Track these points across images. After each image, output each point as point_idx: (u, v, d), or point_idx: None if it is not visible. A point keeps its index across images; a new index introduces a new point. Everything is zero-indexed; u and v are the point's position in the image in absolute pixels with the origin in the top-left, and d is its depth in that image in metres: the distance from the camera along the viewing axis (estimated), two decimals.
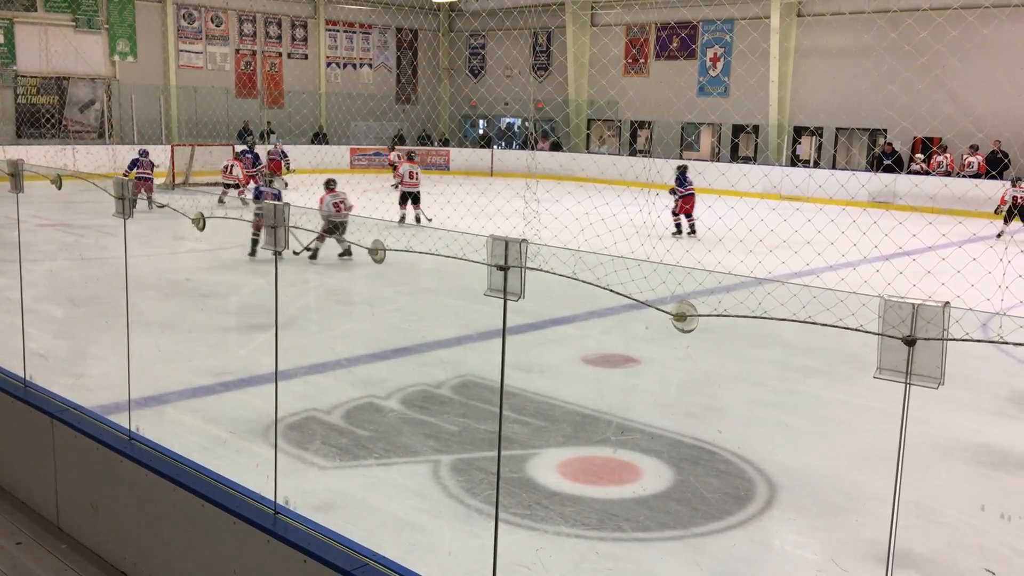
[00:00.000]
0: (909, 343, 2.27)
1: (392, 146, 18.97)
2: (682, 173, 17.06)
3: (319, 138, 29.68)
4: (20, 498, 5.09)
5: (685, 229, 16.83)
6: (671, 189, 17.13)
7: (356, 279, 12.42)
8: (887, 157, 22.24)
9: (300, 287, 11.32)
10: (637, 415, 6.88)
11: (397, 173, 18.22)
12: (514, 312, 3.00)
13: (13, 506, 5.03)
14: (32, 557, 4.50)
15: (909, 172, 21.99)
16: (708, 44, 27.40)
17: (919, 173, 21.57)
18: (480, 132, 33.68)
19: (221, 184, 19.19)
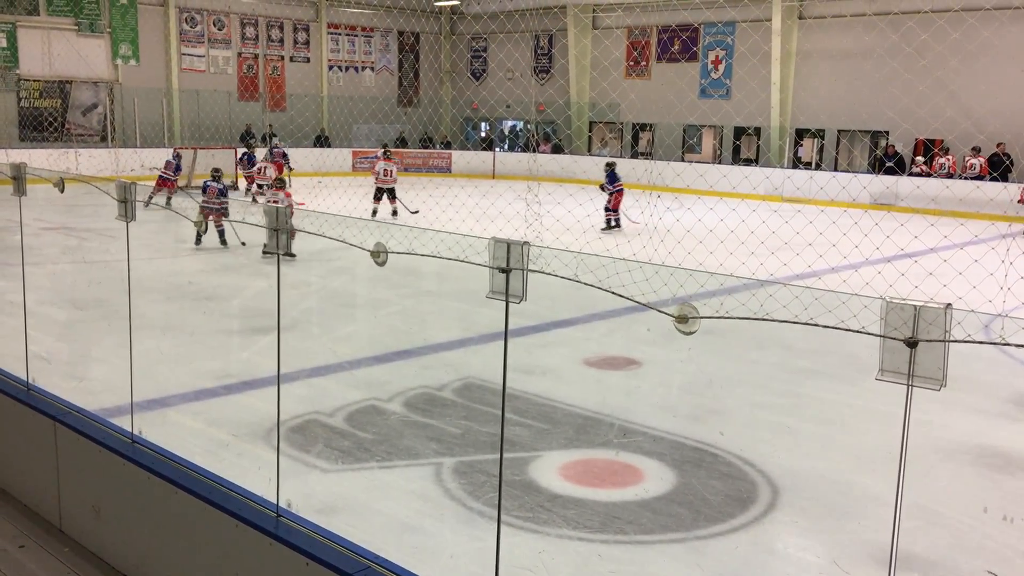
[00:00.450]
0: (911, 345, 2.27)
1: (384, 150, 19.11)
2: (612, 170, 17.52)
3: (321, 141, 29.71)
4: (23, 501, 5.09)
5: (613, 223, 17.23)
6: (601, 186, 17.68)
7: (358, 281, 12.43)
8: (889, 159, 22.24)
9: (302, 290, 11.33)
10: (639, 417, 6.88)
11: (373, 171, 19.07)
12: (516, 314, 3.01)
13: (15, 509, 5.03)
14: (34, 560, 4.50)
15: (911, 174, 21.94)
16: (710, 46, 27.40)
17: (921, 175, 21.54)
18: (482, 135, 33.70)
19: (256, 185, 19.21)
